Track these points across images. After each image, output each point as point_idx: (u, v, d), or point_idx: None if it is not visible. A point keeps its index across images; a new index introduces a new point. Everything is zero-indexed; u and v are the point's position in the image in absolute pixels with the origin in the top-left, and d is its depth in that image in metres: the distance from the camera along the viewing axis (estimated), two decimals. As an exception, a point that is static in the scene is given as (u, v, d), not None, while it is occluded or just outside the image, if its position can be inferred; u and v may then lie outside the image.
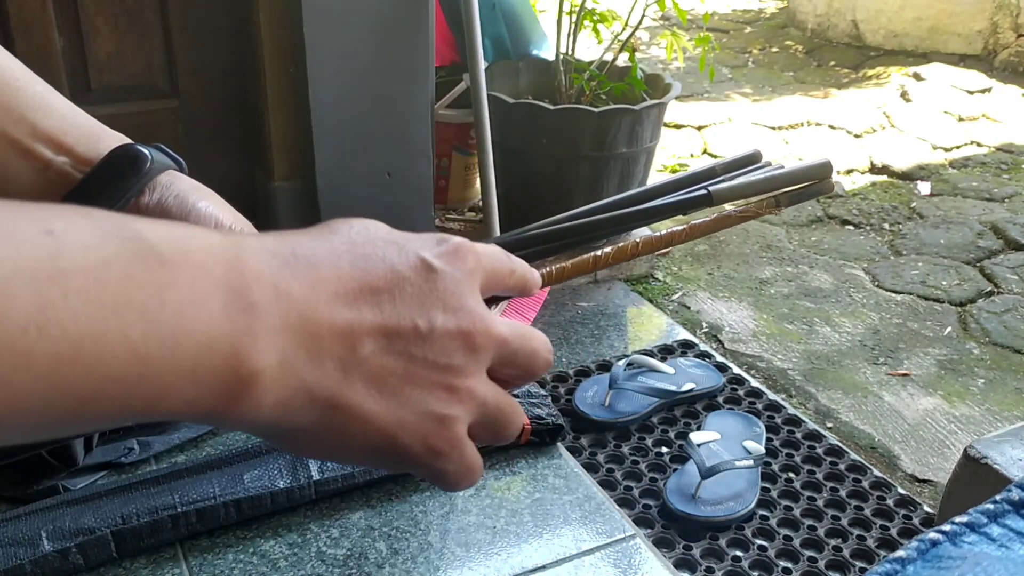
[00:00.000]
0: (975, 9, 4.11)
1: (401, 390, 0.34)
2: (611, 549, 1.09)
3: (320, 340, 0.32)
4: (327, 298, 0.33)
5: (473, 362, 0.36)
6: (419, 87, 1.74)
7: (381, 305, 0.34)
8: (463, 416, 0.36)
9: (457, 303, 0.35)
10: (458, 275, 0.36)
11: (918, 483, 1.52)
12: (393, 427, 0.34)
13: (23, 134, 0.45)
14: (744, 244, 2.43)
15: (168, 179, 0.47)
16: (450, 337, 0.35)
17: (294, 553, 1.07)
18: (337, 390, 0.33)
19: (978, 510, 0.44)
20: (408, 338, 0.34)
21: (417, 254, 0.35)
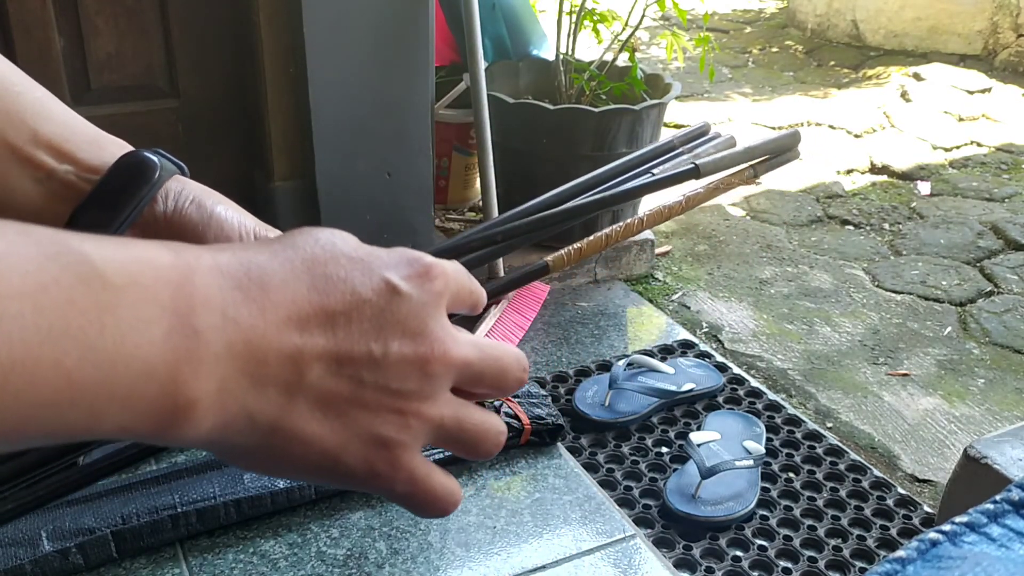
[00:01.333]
0: (975, 9, 4.11)
1: (347, 413, 0.34)
2: (611, 549, 1.09)
3: (265, 366, 0.32)
4: (277, 323, 0.32)
5: (429, 386, 0.35)
6: (419, 87, 1.74)
7: (336, 329, 0.33)
8: (410, 440, 0.35)
9: (418, 327, 0.35)
10: (424, 298, 0.35)
11: (918, 483, 1.52)
12: (336, 449, 0.34)
13: (23, 140, 0.44)
14: (744, 244, 2.43)
15: (178, 185, 0.46)
16: (405, 363, 0.35)
17: (294, 553, 1.07)
18: (279, 414, 0.33)
19: (978, 510, 0.44)
20: (360, 363, 0.34)
21: (383, 276, 0.35)
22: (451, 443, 0.37)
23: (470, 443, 0.38)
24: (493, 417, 0.39)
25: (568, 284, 2.07)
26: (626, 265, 2.14)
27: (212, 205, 0.46)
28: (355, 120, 1.70)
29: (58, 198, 0.44)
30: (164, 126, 1.73)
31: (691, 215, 2.60)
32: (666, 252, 2.34)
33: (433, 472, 0.37)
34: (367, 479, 0.35)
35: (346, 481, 0.35)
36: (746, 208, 2.68)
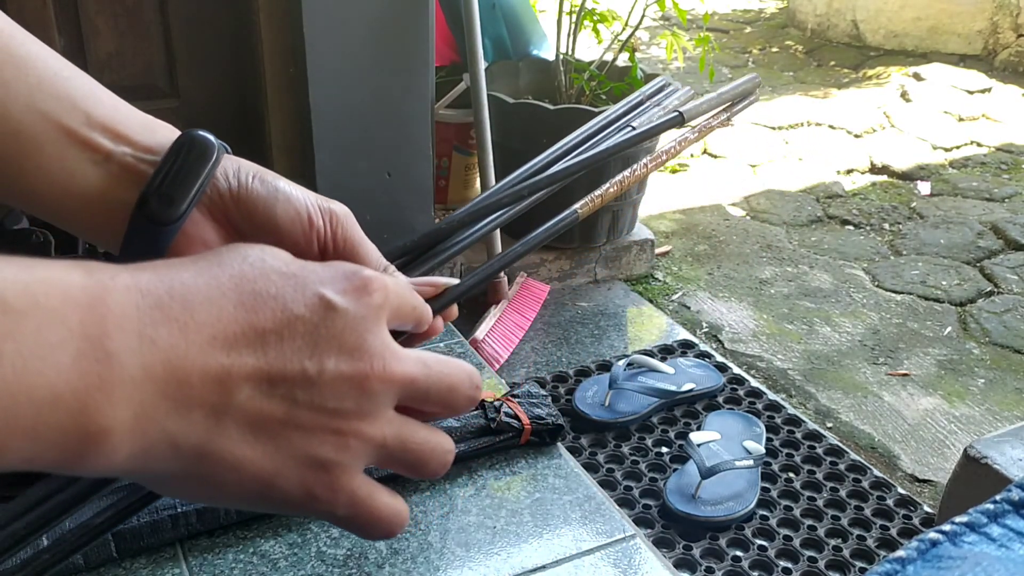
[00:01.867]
0: (975, 9, 4.11)
1: (280, 435, 0.33)
2: (611, 549, 1.09)
3: (189, 389, 0.31)
4: (201, 343, 0.31)
5: (368, 405, 0.34)
6: (419, 87, 1.74)
7: (266, 348, 0.32)
8: (350, 461, 0.34)
9: (355, 343, 0.34)
10: (361, 312, 0.34)
11: (918, 483, 1.52)
12: (268, 473, 0.33)
13: (78, 123, 0.42)
14: (744, 244, 2.43)
15: (233, 163, 0.45)
16: (342, 381, 0.33)
17: (294, 553, 1.07)
18: (205, 439, 0.31)
19: (978, 510, 0.44)
20: (293, 382, 0.32)
21: (316, 291, 0.34)
22: (395, 463, 0.36)
23: (415, 463, 0.37)
24: (439, 435, 0.38)
25: (568, 284, 2.08)
26: (626, 265, 2.14)
27: (274, 180, 0.46)
28: (355, 120, 1.70)
29: (118, 181, 0.43)
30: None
31: (691, 215, 2.60)
32: (666, 252, 2.34)
33: (376, 493, 0.36)
34: (305, 503, 0.34)
35: (284, 506, 0.34)
36: (746, 208, 2.68)
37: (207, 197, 0.44)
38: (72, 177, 0.42)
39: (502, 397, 1.27)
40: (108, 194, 0.43)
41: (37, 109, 0.41)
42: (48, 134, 0.42)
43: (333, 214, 0.46)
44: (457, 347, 1.47)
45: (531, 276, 1.98)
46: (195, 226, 0.43)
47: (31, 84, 0.41)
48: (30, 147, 0.41)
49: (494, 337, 1.77)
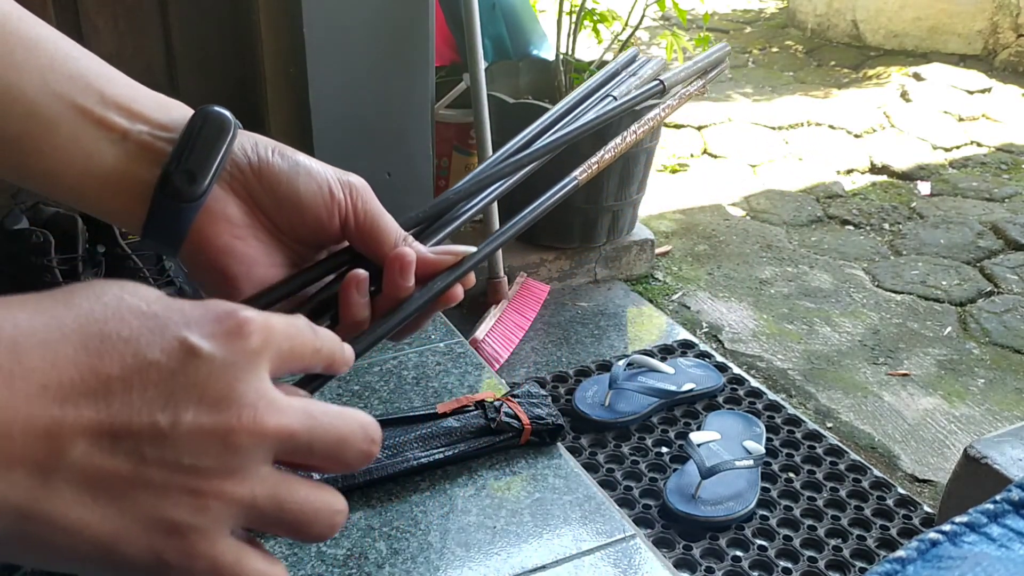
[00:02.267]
0: (975, 9, 4.11)
1: (125, 495, 0.29)
2: (611, 549, 1.09)
3: (10, 443, 0.27)
4: (28, 392, 0.28)
5: (235, 461, 0.30)
6: (419, 87, 1.74)
7: (109, 398, 0.29)
8: (210, 525, 0.30)
9: (221, 393, 0.30)
10: (231, 358, 0.31)
11: (918, 483, 1.52)
12: (109, 537, 0.29)
13: (92, 102, 0.42)
14: (744, 244, 2.43)
15: (249, 138, 0.45)
16: (201, 435, 0.30)
17: (294, 553, 1.07)
18: (29, 500, 0.28)
19: (978, 510, 0.44)
20: (141, 437, 0.29)
21: (177, 334, 0.30)
22: (271, 525, 0.33)
23: (296, 525, 0.33)
24: (326, 494, 0.34)
25: (568, 284, 2.08)
26: (626, 265, 2.14)
27: (293, 154, 0.46)
28: (355, 120, 1.70)
29: (136, 159, 0.42)
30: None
31: (691, 215, 2.60)
32: (666, 252, 2.34)
33: (246, 558, 0.32)
34: (156, 570, 0.30)
35: (130, 573, 0.30)
36: (746, 208, 2.68)
37: (227, 173, 0.43)
38: (89, 157, 0.42)
39: (502, 397, 1.27)
40: (127, 173, 0.42)
41: (50, 90, 0.41)
42: (63, 114, 0.41)
43: (353, 187, 0.46)
44: (457, 347, 1.47)
45: (531, 276, 1.98)
46: (217, 202, 0.43)
47: (43, 65, 0.41)
48: (45, 128, 0.41)
49: (494, 337, 1.77)
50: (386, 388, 1.36)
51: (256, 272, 0.45)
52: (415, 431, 1.21)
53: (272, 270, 0.46)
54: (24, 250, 1.26)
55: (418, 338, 1.50)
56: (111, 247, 1.35)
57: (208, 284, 0.45)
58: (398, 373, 1.40)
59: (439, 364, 1.42)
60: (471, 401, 1.26)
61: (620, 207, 2.05)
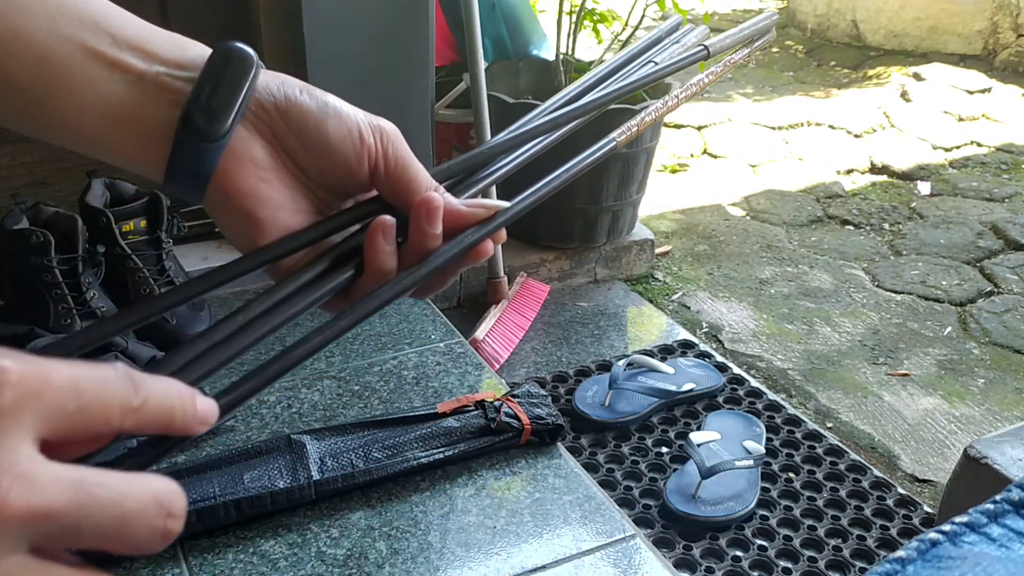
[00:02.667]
0: (975, 9, 4.11)
1: None
2: (611, 549, 1.09)
3: None
4: None
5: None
6: (419, 87, 1.74)
7: None
8: None
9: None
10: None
11: (918, 483, 1.52)
12: None
13: (105, 44, 0.39)
14: (744, 244, 2.43)
15: (275, 78, 0.43)
16: None
17: (294, 553, 1.07)
18: None
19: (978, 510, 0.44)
20: None
21: None
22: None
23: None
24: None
25: (568, 284, 2.08)
26: (626, 265, 2.14)
27: (322, 95, 0.43)
28: (355, 120, 1.70)
29: (155, 100, 0.40)
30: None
31: (691, 215, 2.60)
32: (666, 252, 2.34)
33: None
34: None
35: None
36: (746, 208, 2.68)
37: (251, 112, 0.42)
38: (106, 100, 0.40)
39: (502, 397, 1.27)
40: (146, 115, 0.40)
41: (60, 34, 0.39)
42: (75, 58, 0.39)
43: (384, 132, 0.44)
44: (457, 347, 1.47)
45: (531, 276, 1.98)
46: (242, 143, 0.42)
47: (51, 9, 0.39)
48: (58, 73, 0.39)
49: (494, 337, 1.77)
50: (386, 388, 1.36)
51: (281, 217, 0.43)
52: (415, 431, 1.21)
53: (297, 216, 0.44)
54: (24, 250, 1.26)
55: (418, 338, 1.50)
56: (111, 247, 1.35)
57: (233, 230, 0.43)
58: (398, 373, 1.40)
59: (439, 364, 1.42)
60: (471, 401, 1.26)
61: (620, 207, 2.05)
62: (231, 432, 1.29)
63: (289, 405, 1.31)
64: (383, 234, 0.43)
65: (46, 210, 1.30)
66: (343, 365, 1.42)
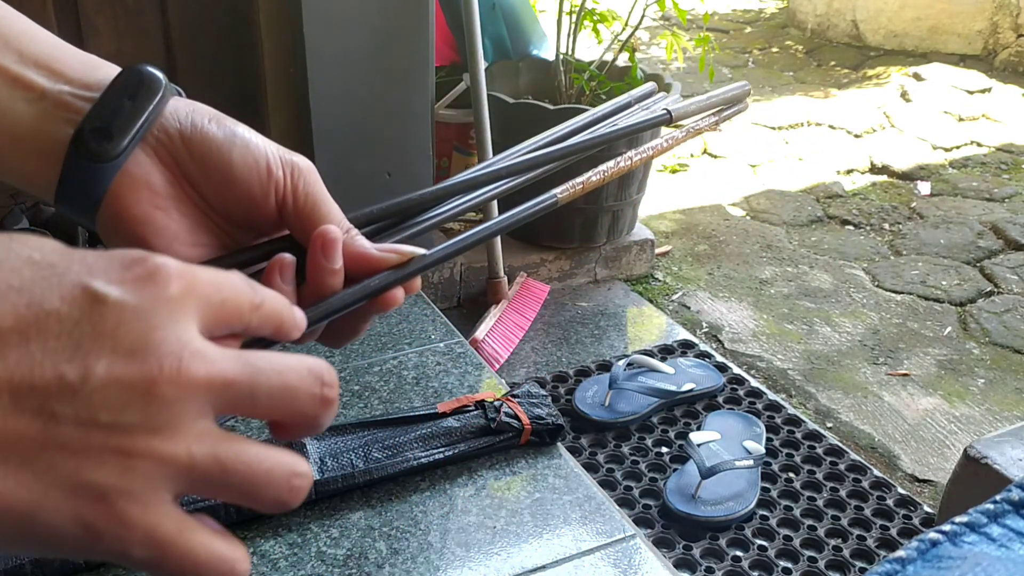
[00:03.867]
0: (975, 9, 4.11)
1: (38, 458, 0.26)
2: (611, 549, 1.09)
3: None
4: None
5: (162, 416, 0.27)
6: (419, 87, 1.74)
7: (5, 352, 0.26)
8: (141, 488, 0.27)
9: (138, 341, 0.27)
10: (146, 305, 0.28)
11: (918, 483, 1.52)
12: (27, 506, 0.26)
13: (10, 61, 0.39)
14: (744, 244, 2.43)
15: (187, 105, 0.42)
16: (119, 387, 0.27)
17: (294, 553, 1.07)
18: None
19: (978, 510, 0.44)
20: (48, 392, 0.26)
21: (79, 281, 0.27)
22: (216, 489, 0.29)
23: (244, 489, 0.30)
24: (281, 454, 0.30)
25: (568, 284, 2.08)
26: (626, 265, 2.14)
27: (233, 125, 0.42)
28: (355, 120, 1.70)
29: (54, 119, 0.39)
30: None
31: (691, 215, 2.60)
32: (666, 252, 2.34)
33: (191, 532, 0.29)
34: (87, 542, 0.27)
35: (61, 547, 0.28)
36: (746, 208, 2.68)
37: (154, 137, 0.41)
38: (3, 116, 0.39)
39: (502, 397, 1.27)
40: (41, 132, 0.39)
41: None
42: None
43: (295, 166, 0.43)
44: (457, 347, 1.47)
45: (531, 276, 1.98)
46: (139, 167, 0.40)
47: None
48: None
49: (494, 337, 1.77)
50: (386, 388, 1.36)
51: (176, 249, 0.41)
52: (415, 431, 1.21)
53: (195, 249, 0.42)
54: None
55: (418, 338, 1.50)
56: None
57: None
58: (398, 373, 1.40)
59: (439, 364, 1.42)
60: (471, 401, 1.26)
61: (620, 207, 2.05)
62: (231, 432, 1.29)
63: (289, 405, 1.31)
64: (280, 272, 0.40)
65: (46, 210, 1.30)
66: (343, 365, 1.42)
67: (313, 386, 0.31)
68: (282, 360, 0.30)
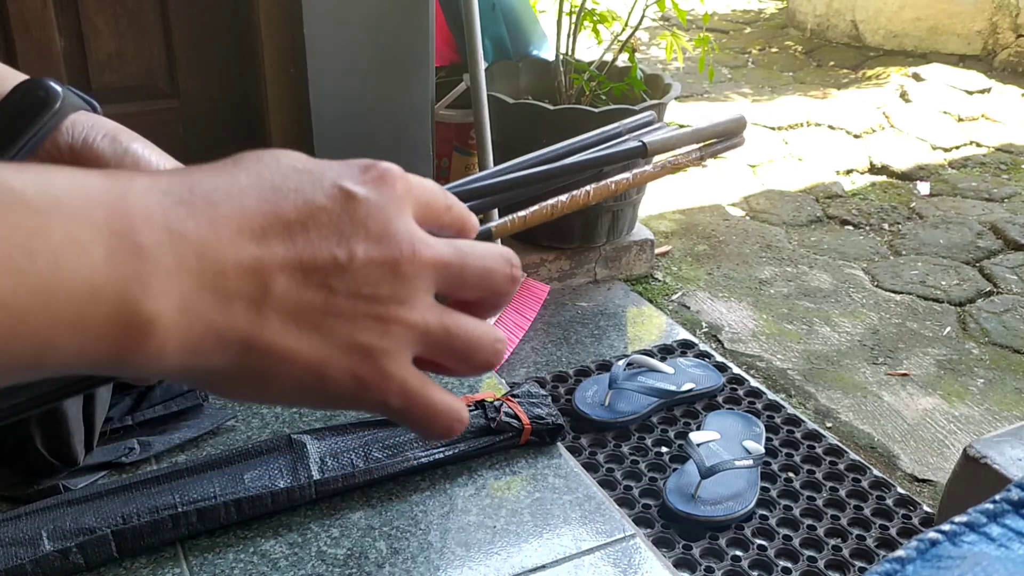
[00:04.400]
0: (975, 9, 4.11)
1: (323, 324, 0.32)
2: (611, 549, 1.09)
3: (225, 279, 0.30)
4: (230, 235, 0.30)
5: (405, 290, 0.33)
6: (419, 87, 1.74)
7: (293, 238, 0.32)
8: (395, 348, 0.33)
9: (382, 230, 0.33)
10: (383, 201, 0.34)
11: (918, 483, 1.52)
12: (318, 363, 0.32)
13: None
14: (744, 244, 2.43)
15: (88, 119, 0.43)
16: (374, 266, 0.33)
17: (294, 553, 1.07)
18: (251, 330, 0.31)
19: (977, 510, 0.44)
20: (327, 270, 0.32)
21: (335, 182, 0.33)
22: (442, 352, 0.35)
23: (464, 351, 0.36)
24: (486, 325, 0.36)
25: (568, 284, 2.08)
26: (626, 265, 2.14)
27: (127, 141, 0.43)
28: (355, 120, 1.70)
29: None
30: (164, 126, 1.73)
31: (691, 215, 2.60)
32: (666, 252, 2.34)
33: (428, 384, 0.35)
34: (358, 393, 0.33)
35: (338, 399, 0.33)
36: (746, 208, 2.68)
37: (44, 151, 0.41)
38: None
39: (502, 397, 1.27)
40: None
41: None
42: None
43: None
44: (457, 347, 1.47)
45: (531, 276, 1.98)
46: None
47: None
48: None
49: (494, 337, 1.76)
50: (386, 388, 1.36)
51: None
52: (415, 431, 1.21)
53: None
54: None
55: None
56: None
57: None
58: (398, 373, 1.40)
59: (439, 364, 1.42)
60: (471, 401, 1.26)
61: (620, 207, 2.05)
62: (232, 432, 1.29)
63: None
64: None
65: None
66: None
67: (505, 266, 0.37)
68: (481, 246, 0.37)
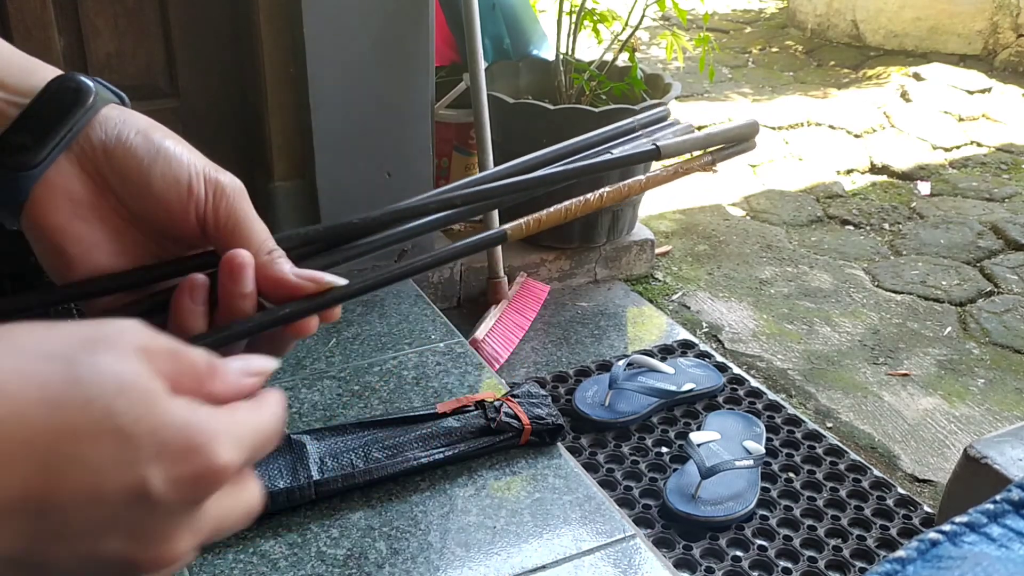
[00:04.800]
0: (975, 9, 4.11)
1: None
2: (611, 549, 1.09)
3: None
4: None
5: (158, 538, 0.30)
6: (419, 87, 1.74)
7: (42, 522, 0.27)
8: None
9: (152, 537, 0.29)
10: (178, 508, 0.29)
11: (918, 483, 1.52)
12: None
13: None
14: (744, 244, 2.43)
15: (120, 114, 0.42)
16: (116, 559, 0.29)
17: (294, 553, 1.07)
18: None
19: (978, 510, 0.44)
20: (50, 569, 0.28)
21: (140, 473, 0.28)
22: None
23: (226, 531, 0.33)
24: (244, 499, 0.33)
25: (568, 284, 2.08)
26: (626, 265, 2.14)
27: (161, 139, 0.42)
28: (355, 120, 1.70)
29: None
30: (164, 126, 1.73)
31: (691, 215, 2.60)
32: (666, 252, 2.34)
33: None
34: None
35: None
36: (746, 208, 2.68)
37: (78, 146, 0.41)
38: None
39: (502, 397, 1.27)
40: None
41: None
42: None
43: (219, 185, 0.42)
44: (457, 347, 1.47)
45: (531, 276, 1.98)
46: (61, 176, 0.40)
47: None
48: None
49: (494, 337, 1.77)
50: (386, 388, 1.36)
51: (95, 256, 0.42)
52: (415, 431, 1.21)
53: (117, 258, 0.42)
54: (24, 250, 1.26)
55: (418, 338, 1.50)
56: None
57: (45, 261, 0.43)
58: (398, 373, 1.40)
59: (439, 364, 1.42)
60: (471, 401, 1.26)
61: (620, 207, 2.05)
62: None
63: (289, 405, 1.31)
64: (190, 293, 0.41)
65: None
66: (343, 365, 1.42)
67: (278, 434, 0.34)
68: (255, 441, 0.32)
